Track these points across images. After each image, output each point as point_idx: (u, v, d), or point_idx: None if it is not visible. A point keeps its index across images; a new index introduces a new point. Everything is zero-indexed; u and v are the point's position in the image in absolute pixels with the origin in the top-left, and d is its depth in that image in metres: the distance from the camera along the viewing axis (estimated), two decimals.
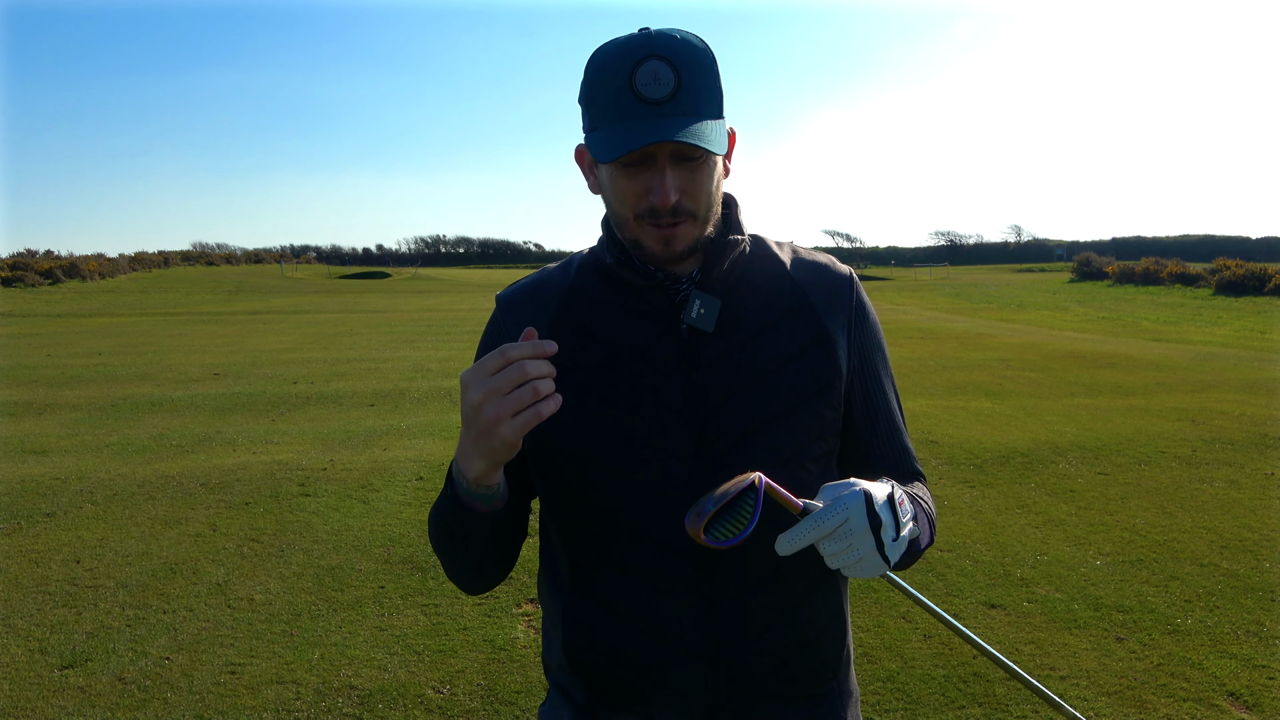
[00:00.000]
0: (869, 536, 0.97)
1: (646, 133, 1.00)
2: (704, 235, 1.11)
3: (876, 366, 1.21)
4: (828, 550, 0.98)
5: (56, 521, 5.12)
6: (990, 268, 67.61)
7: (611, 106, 1.04)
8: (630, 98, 1.02)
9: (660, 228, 1.07)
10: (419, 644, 3.53)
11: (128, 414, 8.60)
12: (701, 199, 1.08)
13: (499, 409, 0.95)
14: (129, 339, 16.69)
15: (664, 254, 1.09)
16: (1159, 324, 19.39)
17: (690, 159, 1.05)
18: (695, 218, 1.08)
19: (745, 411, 1.10)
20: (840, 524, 0.97)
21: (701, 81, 1.04)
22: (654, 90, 1.01)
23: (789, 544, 0.98)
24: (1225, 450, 6.64)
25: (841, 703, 1.19)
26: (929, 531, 1.16)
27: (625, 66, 1.02)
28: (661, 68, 1.02)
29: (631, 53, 1.03)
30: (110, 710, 3.03)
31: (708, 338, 1.12)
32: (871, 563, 0.99)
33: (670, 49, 1.02)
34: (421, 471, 6.19)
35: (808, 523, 0.97)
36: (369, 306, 27.49)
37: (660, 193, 1.04)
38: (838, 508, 0.97)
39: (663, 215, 1.06)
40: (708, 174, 1.07)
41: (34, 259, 38.64)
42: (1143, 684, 3.18)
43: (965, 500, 5.43)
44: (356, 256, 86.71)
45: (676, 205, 1.05)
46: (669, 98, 1.02)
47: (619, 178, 1.07)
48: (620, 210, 1.09)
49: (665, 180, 1.04)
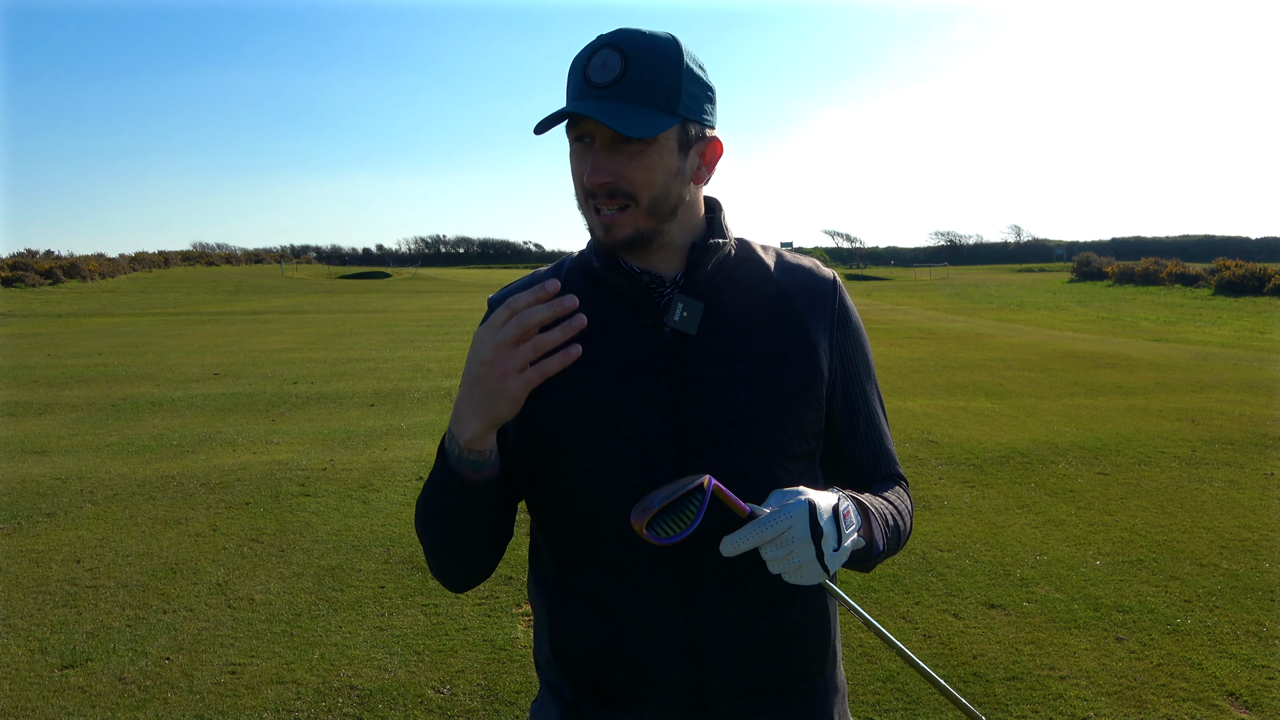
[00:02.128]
0: (809, 546, 1.00)
1: (573, 110, 1.06)
2: (651, 227, 1.12)
3: (858, 369, 1.23)
4: (769, 555, 1.01)
5: (56, 521, 5.12)
6: (990, 268, 67.61)
7: (568, 89, 1.10)
8: (582, 82, 1.08)
9: (601, 215, 1.10)
10: (419, 644, 3.53)
11: (128, 414, 8.61)
12: (642, 185, 1.09)
13: (505, 363, 0.97)
14: (129, 339, 16.69)
15: (605, 240, 1.12)
16: (1159, 324, 19.39)
17: (627, 143, 1.08)
18: (636, 204, 1.10)
19: (726, 411, 1.11)
20: (783, 531, 1.00)
21: (654, 75, 1.07)
22: (600, 75, 1.06)
23: (733, 546, 1.02)
24: (1225, 450, 6.65)
25: (828, 698, 1.20)
26: (896, 537, 1.18)
27: (584, 56, 1.08)
28: (611, 55, 1.07)
29: (596, 43, 1.09)
30: (110, 710, 3.03)
31: (691, 340, 1.14)
32: (810, 571, 1.02)
33: (627, 39, 1.07)
34: (421, 471, 6.19)
35: (752, 527, 1.01)
36: (369, 306, 27.49)
37: (590, 172, 1.08)
38: (781, 515, 1.01)
39: (599, 196, 1.09)
40: (650, 162, 1.08)
41: (34, 259, 38.65)
42: (1142, 684, 3.18)
43: (965, 500, 5.43)
44: (356, 256, 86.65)
45: (613, 188, 1.08)
46: (612, 83, 1.06)
47: (572, 158, 1.12)
48: (576, 190, 1.14)
49: (597, 159, 1.08)
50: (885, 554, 1.15)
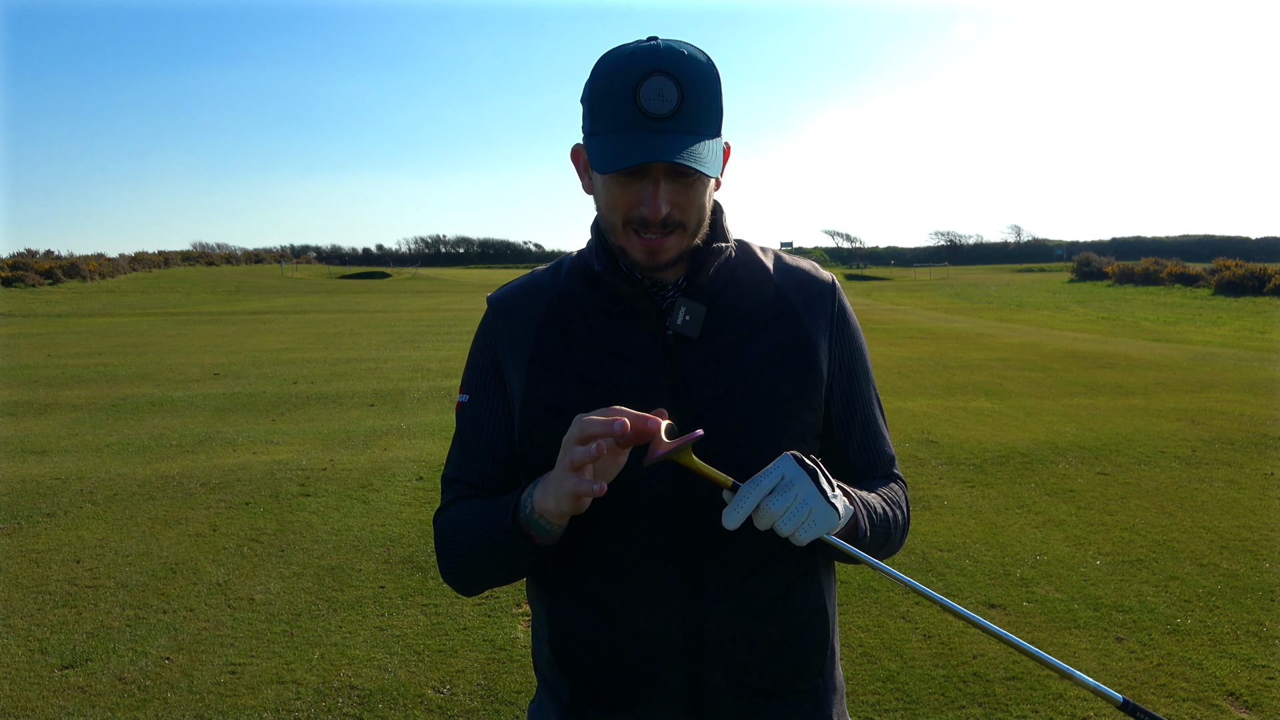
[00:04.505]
0: (809, 483, 1.00)
1: (645, 150, 1.03)
2: (691, 246, 1.14)
3: (856, 371, 1.23)
4: (774, 508, 0.99)
5: (56, 521, 5.12)
6: (990, 268, 67.60)
7: (613, 116, 1.05)
8: (633, 110, 1.04)
9: (646, 238, 1.09)
10: (419, 644, 3.53)
11: (128, 414, 8.60)
12: (692, 213, 1.10)
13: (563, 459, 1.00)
14: (129, 339, 16.69)
15: (648, 263, 1.12)
16: (1159, 324, 19.39)
17: (684, 175, 1.07)
18: (685, 229, 1.11)
19: (728, 414, 1.12)
20: (778, 481, 0.99)
21: (704, 101, 1.06)
22: (657, 106, 1.03)
23: (735, 512, 1.00)
24: (1225, 450, 6.64)
25: (827, 698, 1.20)
26: (886, 527, 1.17)
27: (631, 78, 1.04)
28: (666, 84, 1.04)
29: (639, 65, 1.04)
30: (110, 710, 3.03)
31: (692, 343, 1.14)
32: (822, 513, 1.00)
33: (677, 66, 1.04)
34: (421, 471, 6.19)
35: (748, 486, 1.00)
36: (369, 306, 27.49)
37: (652, 206, 1.06)
38: (771, 468, 1.01)
39: (651, 226, 1.08)
40: (700, 190, 1.10)
41: (34, 259, 38.64)
42: (1143, 684, 3.18)
43: (965, 500, 5.43)
44: (356, 256, 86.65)
45: (666, 218, 1.08)
46: (670, 115, 1.04)
47: (613, 186, 1.09)
48: (610, 216, 1.12)
49: (657, 195, 1.07)
50: (874, 543, 1.14)
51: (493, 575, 1.16)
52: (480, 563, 1.14)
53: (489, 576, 1.16)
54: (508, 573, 1.14)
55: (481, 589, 1.21)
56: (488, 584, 1.19)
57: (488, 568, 1.14)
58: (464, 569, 1.17)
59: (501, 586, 1.23)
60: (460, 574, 1.18)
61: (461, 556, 1.15)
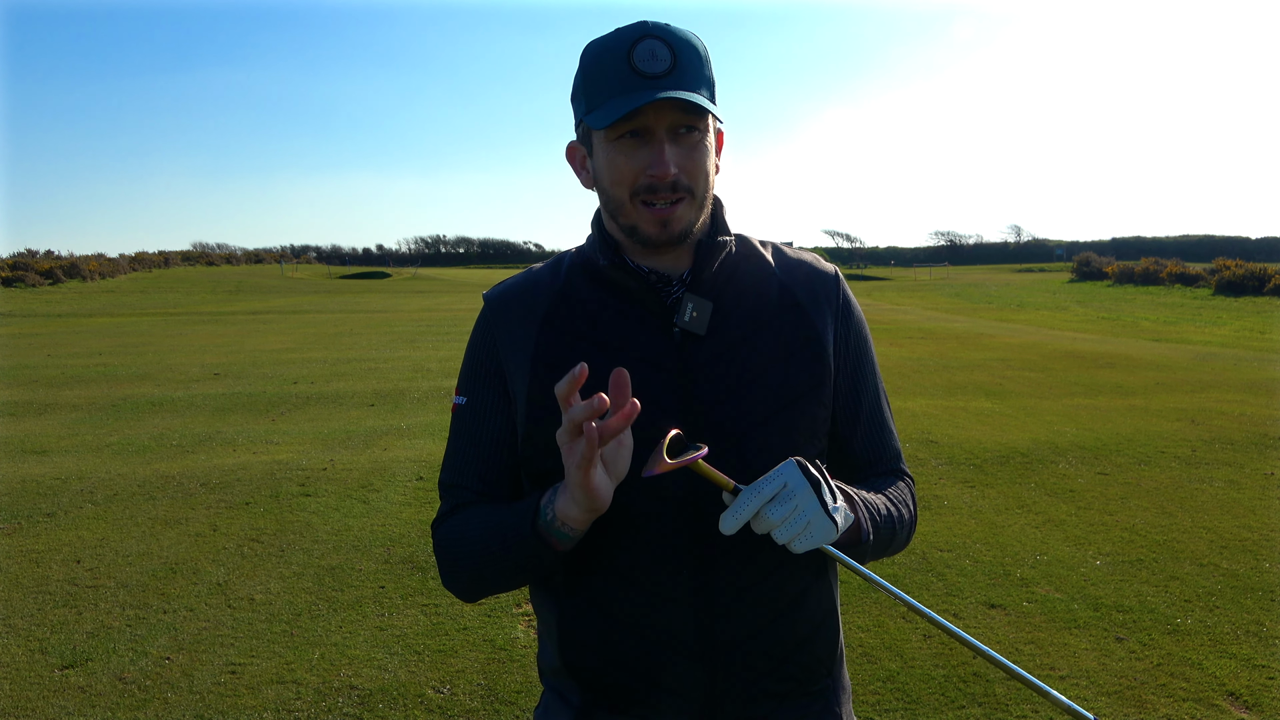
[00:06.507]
0: (810, 494, 0.98)
1: (646, 97, 1.02)
2: (699, 219, 1.12)
3: (862, 363, 1.22)
4: (773, 517, 0.98)
5: (56, 521, 5.12)
6: (990, 268, 67.60)
7: (609, 83, 1.06)
8: (629, 72, 1.05)
9: (656, 209, 1.07)
10: (419, 644, 3.53)
11: (128, 414, 8.60)
12: (699, 176, 1.09)
13: (569, 462, 0.96)
14: (129, 339, 16.69)
15: (660, 235, 1.09)
16: (1159, 324, 19.39)
17: (688, 133, 1.07)
18: (693, 196, 1.09)
19: (738, 413, 1.10)
20: (779, 489, 0.98)
21: (696, 65, 1.07)
22: (651, 65, 1.04)
23: (733, 517, 0.99)
24: (1225, 450, 6.64)
25: (836, 698, 1.20)
26: (890, 528, 1.15)
27: (623, 46, 1.05)
28: (658, 46, 1.05)
29: (628, 33, 1.06)
30: (110, 710, 3.03)
31: (700, 340, 1.12)
32: (820, 524, 0.98)
33: (665, 31, 1.06)
34: (421, 471, 6.19)
35: (748, 492, 0.99)
36: (369, 306, 27.48)
37: (660, 164, 1.05)
38: (773, 475, 0.99)
39: (661, 190, 1.06)
40: (704, 152, 1.09)
41: (34, 259, 38.64)
42: (1142, 684, 3.18)
43: (965, 500, 5.43)
44: (356, 256, 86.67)
45: (675, 181, 1.06)
46: (666, 73, 1.04)
47: (616, 155, 1.07)
48: (616, 191, 1.09)
49: (664, 152, 1.05)
50: (877, 545, 1.12)
51: (503, 583, 1.13)
52: (492, 571, 1.11)
53: (498, 584, 1.14)
54: (519, 580, 1.12)
55: (486, 595, 1.19)
56: (496, 591, 1.17)
57: (499, 576, 1.11)
58: (473, 577, 1.14)
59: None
60: (468, 582, 1.15)
61: (471, 565, 1.12)
